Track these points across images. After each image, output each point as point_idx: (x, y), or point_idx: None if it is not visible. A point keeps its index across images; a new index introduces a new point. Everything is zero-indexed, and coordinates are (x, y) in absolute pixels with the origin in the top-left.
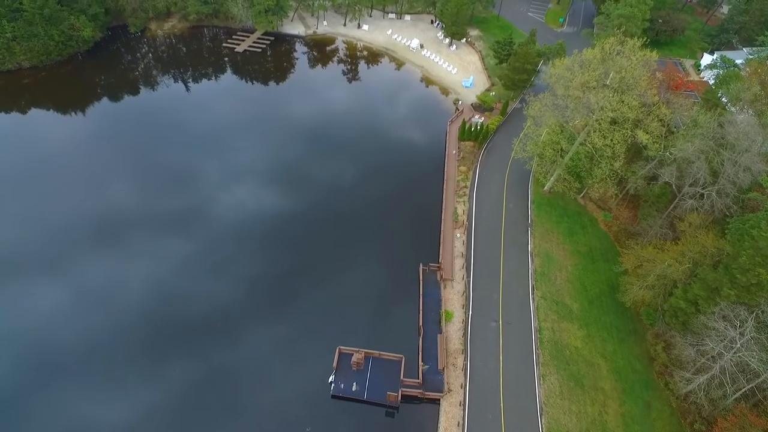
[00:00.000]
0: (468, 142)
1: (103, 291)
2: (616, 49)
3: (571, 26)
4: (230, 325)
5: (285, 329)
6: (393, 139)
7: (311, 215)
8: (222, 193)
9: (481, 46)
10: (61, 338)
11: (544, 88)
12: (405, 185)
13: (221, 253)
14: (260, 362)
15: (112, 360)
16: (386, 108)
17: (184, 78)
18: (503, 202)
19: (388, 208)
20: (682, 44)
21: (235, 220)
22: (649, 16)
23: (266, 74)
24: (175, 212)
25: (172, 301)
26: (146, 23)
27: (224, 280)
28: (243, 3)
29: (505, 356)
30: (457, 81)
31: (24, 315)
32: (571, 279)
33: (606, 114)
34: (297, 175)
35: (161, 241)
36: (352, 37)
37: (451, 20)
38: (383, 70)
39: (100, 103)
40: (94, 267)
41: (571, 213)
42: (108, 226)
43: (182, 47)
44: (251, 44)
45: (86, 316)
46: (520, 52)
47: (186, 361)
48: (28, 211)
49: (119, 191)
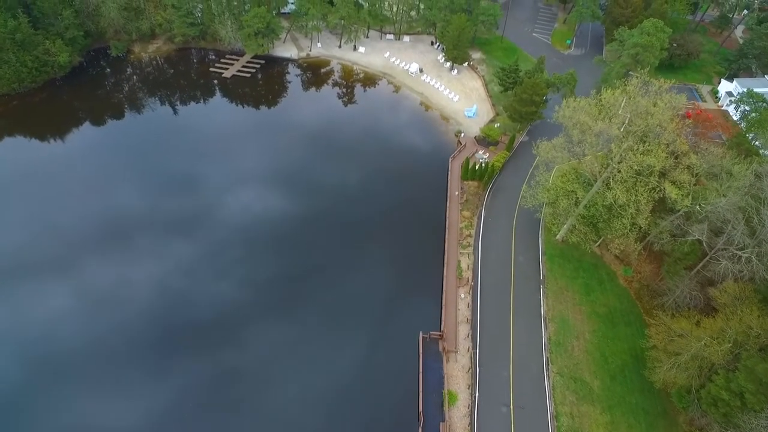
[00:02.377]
0: (472, 182)
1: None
2: (639, 89)
3: (578, 48)
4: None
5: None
6: (389, 178)
7: (290, 273)
8: (189, 245)
9: (484, 71)
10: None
11: (554, 120)
12: (403, 234)
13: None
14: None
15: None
16: (383, 141)
17: (167, 106)
18: (512, 254)
19: (385, 261)
20: (696, 68)
21: (203, 276)
22: (667, 45)
23: (255, 102)
24: (149, 258)
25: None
26: (129, 45)
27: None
28: (232, 25)
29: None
30: (459, 110)
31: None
32: (590, 349)
33: (630, 166)
34: (275, 230)
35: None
36: (347, 61)
37: (453, 43)
38: (380, 97)
39: (75, 133)
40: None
41: (587, 266)
42: (75, 271)
43: (167, 71)
44: (240, 68)
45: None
46: (528, 82)
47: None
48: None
49: (94, 226)
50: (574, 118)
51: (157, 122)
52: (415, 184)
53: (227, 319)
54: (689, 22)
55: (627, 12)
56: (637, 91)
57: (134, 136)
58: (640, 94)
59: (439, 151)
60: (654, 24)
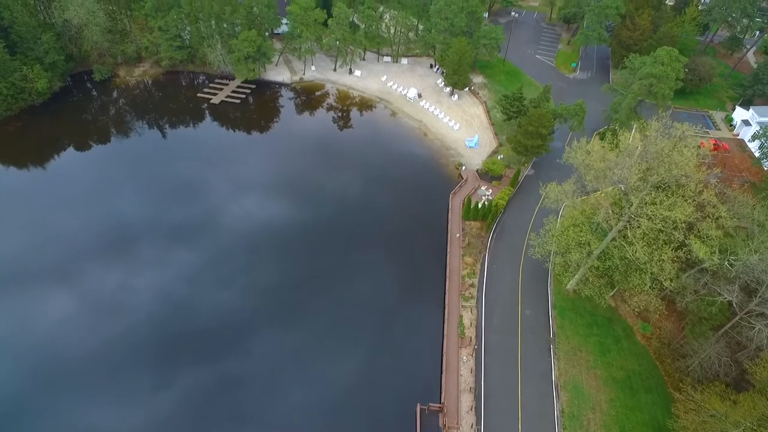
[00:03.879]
0: (474, 222)
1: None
2: (658, 132)
3: (584, 71)
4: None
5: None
6: (385, 216)
7: (260, 346)
8: (164, 282)
9: (486, 96)
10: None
11: (561, 151)
12: (400, 284)
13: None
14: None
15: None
16: (378, 174)
17: (151, 134)
18: (518, 308)
19: (380, 316)
20: (708, 93)
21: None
22: (683, 75)
23: (244, 130)
24: (129, 294)
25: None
26: (115, 69)
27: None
28: (221, 49)
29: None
30: (459, 139)
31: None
32: (608, 423)
33: (651, 220)
34: (249, 276)
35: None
36: (342, 85)
37: (453, 68)
38: (376, 124)
39: (51, 164)
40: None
41: (601, 320)
42: (41, 309)
43: (152, 97)
44: (230, 94)
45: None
46: (533, 113)
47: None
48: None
49: (74, 259)
50: (587, 161)
51: (140, 151)
52: (413, 223)
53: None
54: (699, 44)
55: (635, 35)
56: (658, 137)
57: (115, 166)
58: (661, 135)
59: (438, 186)
60: (668, 53)
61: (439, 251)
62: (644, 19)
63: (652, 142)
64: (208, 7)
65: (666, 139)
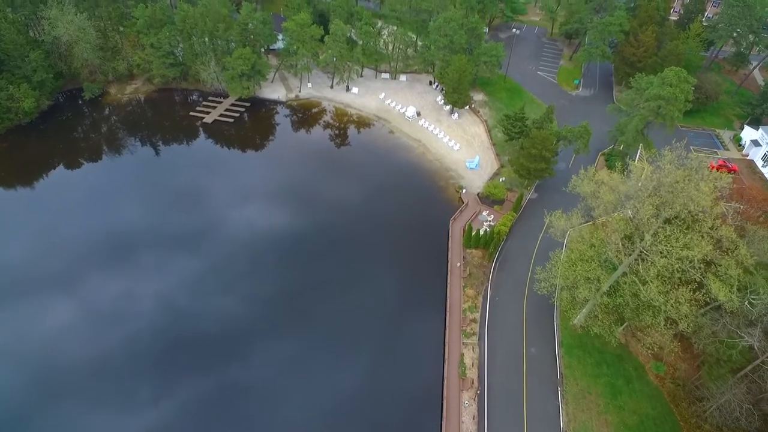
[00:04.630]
0: (475, 250)
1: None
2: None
3: (587, 88)
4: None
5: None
6: (382, 242)
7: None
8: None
9: (487, 114)
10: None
11: (565, 172)
12: (397, 318)
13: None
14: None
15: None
16: (375, 198)
17: (141, 155)
18: (523, 345)
19: (376, 353)
20: (714, 111)
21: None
22: (692, 97)
23: (237, 150)
24: (109, 324)
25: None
26: (106, 87)
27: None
28: (215, 66)
29: None
30: (460, 160)
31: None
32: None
33: (666, 257)
34: (232, 310)
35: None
36: (339, 102)
37: (452, 86)
38: (374, 144)
39: (37, 186)
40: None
41: (611, 359)
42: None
43: (143, 116)
44: (223, 113)
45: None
46: (537, 136)
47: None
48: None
49: (58, 284)
50: (595, 192)
51: (129, 172)
52: (412, 251)
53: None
54: (704, 60)
55: (639, 52)
56: (672, 168)
57: (102, 188)
58: (673, 163)
59: (438, 211)
60: (676, 73)
61: (438, 282)
62: (648, 35)
63: (666, 174)
64: (202, 24)
65: (679, 169)
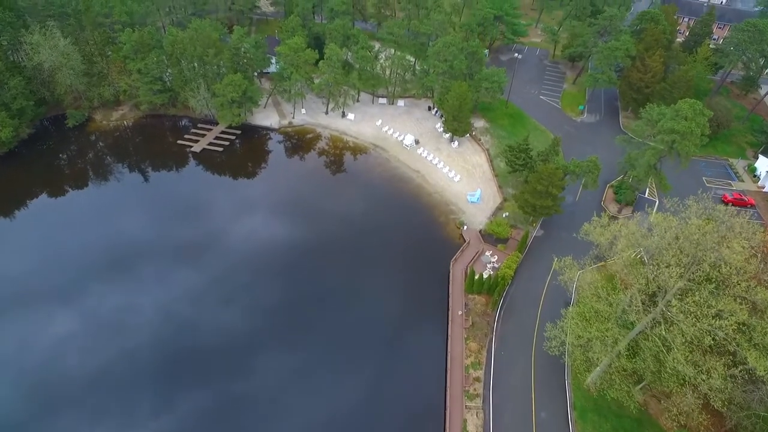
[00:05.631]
0: (478, 297)
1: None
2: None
3: (592, 114)
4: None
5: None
6: (377, 286)
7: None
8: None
9: (489, 142)
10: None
11: (571, 206)
12: (393, 375)
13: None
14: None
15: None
16: (370, 235)
17: (123, 186)
18: (532, 409)
19: (368, 424)
20: (726, 138)
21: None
22: (708, 131)
23: (223, 182)
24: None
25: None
26: (91, 113)
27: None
28: (204, 92)
29: None
30: (460, 193)
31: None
32: None
33: (696, 326)
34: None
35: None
36: (334, 130)
37: (452, 114)
38: (370, 175)
39: (9, 219)
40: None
41: (630, 425)
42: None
43: (128, 144)
44: (212, 141)
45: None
46: (543, 170)
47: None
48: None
49: (34, 325)
50: (612, 244)
51: (110, 205)
52: (410, 297)
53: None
54: (714, 84)
55: (646, 77)
56: (700, 224)
57: (81, 222)
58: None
59: (438, 250)
60: (691, 106)
61: (438, 333)
62: (655, 60)
63: (693, 231)
64: (191, 50)
65: (707, 221)
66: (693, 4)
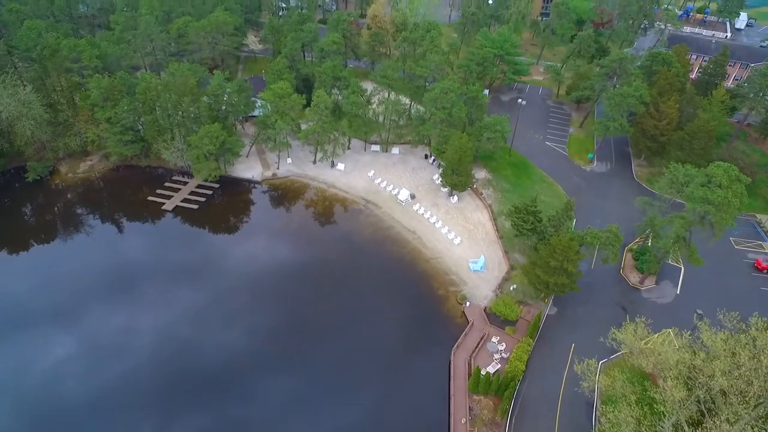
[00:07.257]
0: (484, 398)
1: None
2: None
3: (602, 162)
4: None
5: None
6: (363, 386)
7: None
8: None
9: (491, 196)
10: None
11: (585, 274)
12: None
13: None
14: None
15: None
16: (358, 315)
17: (84, 247)
18: None
19: None
20: (750, 191)
21: None
22: (747, 200)
23: (195, 247)
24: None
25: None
26: (56, 164)
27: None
28: (179, 143)
29: None
30: (461, 259)
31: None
32: None
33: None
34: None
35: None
36: (322, 182)
37: (452, 167)
38: (360, 237)
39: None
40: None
41: None
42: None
43: (94, 201)
44: (186, 197)
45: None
46: (557, 245)
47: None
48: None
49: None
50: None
51: (66, 271)
52: (403, 399)
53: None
54: (734, 129)
55: (661, 124)
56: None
57: (34, 291)
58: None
59: (436, 334)
60: (727, 171)
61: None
62: (671, 106)
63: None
64: (165, 97)
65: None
66: (700, 41)
